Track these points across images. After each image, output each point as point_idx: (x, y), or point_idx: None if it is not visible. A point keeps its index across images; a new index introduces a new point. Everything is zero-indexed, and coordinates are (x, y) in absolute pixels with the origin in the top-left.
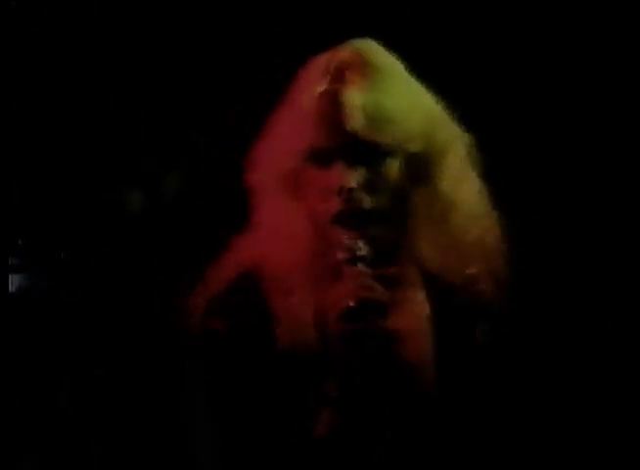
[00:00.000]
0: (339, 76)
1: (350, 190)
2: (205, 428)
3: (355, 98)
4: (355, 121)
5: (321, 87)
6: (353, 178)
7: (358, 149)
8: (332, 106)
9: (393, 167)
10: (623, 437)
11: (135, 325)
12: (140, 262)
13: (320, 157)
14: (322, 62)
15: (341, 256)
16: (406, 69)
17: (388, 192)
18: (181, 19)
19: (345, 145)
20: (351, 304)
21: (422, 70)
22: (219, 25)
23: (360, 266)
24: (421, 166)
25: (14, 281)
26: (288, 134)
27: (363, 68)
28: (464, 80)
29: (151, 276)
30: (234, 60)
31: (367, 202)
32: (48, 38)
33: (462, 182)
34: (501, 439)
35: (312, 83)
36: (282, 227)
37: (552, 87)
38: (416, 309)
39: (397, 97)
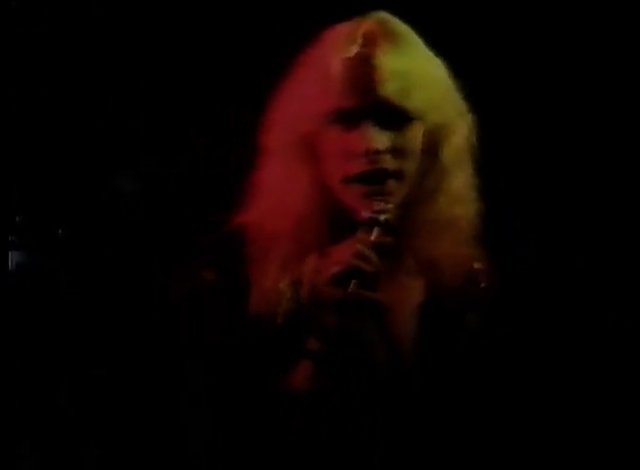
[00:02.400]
0: (370, 41)
1: (377, 152)
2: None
3: (389, 63)
4: (389, 86)
5: (351, 50)
6: (381, 141)
7: (387, 113)
8: (363, 68)
9: (417, 135)
10: (613, 432)
11: (135, 319)
12: (141, 257)
13: (346, 118)
14: (346, 28)
15: (365, 214)
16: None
17: (409, 159)
18: (181, 19)
19: (374, 108)
20: (338, 269)
21: (435, 45)
22: (218, 26)
23: (375, 231)
24: (431, 140)
25: (13, 258)
26: (309, 96)
27: (391, 35)
28: (472, 59)
29: (151, 275)
30: (233, 60)
31: (391, 165)
32: (48, 38)
33: (459, 162)
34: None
35: (338, 47)
36: (280, 192)
37: (558, 83)
38: (410, 293)
39: (423, 65)
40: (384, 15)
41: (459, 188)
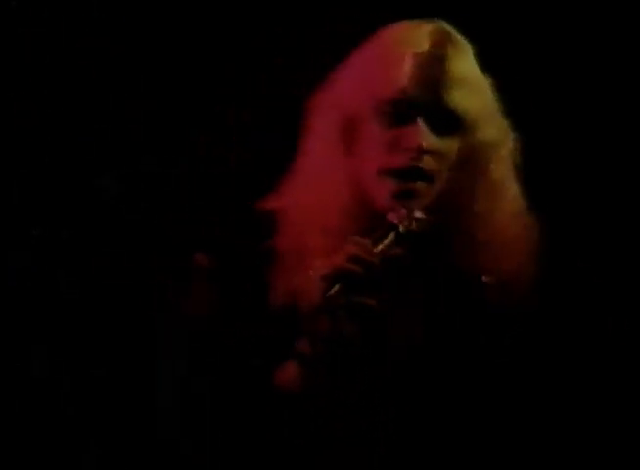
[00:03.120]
0: (439, 43)
1: (424, 150)
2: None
3: (457, 68)
4: (454, 90)
5: (422, 46)
6: (429, 141)
7: (443, 115)
8: (433, 67)
9: (455, 145)
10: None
11: (134, 319)
12: (140, 257)
13: (400, 111)
14: (410, 26)
15: (392, 218)
16: None
17: (444, 165)
18: (180, 19)
19: (432, 107)
20: (325, 272)
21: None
22: (218, 26)
23: (390, 238)
24: (477, 156)
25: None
26: (368, 81)
27: (454, 42)
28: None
29: (151, 275)
30: (233, 60)
31: (430, 166)
32: (48, 38)
33: (510, 177)
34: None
35: (406, 42)
36: (316, 182)
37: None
38: (410, 319)
39: (479, 77)
40: (442, 22)
41: (514, 202)
